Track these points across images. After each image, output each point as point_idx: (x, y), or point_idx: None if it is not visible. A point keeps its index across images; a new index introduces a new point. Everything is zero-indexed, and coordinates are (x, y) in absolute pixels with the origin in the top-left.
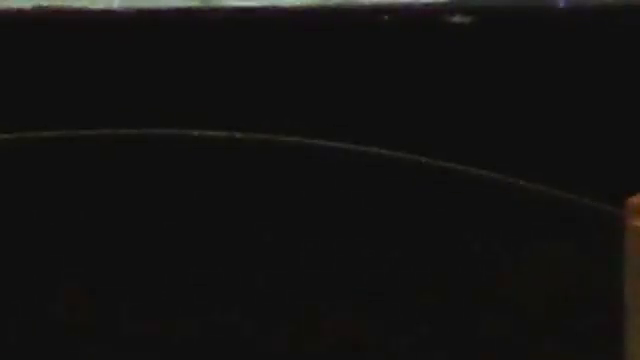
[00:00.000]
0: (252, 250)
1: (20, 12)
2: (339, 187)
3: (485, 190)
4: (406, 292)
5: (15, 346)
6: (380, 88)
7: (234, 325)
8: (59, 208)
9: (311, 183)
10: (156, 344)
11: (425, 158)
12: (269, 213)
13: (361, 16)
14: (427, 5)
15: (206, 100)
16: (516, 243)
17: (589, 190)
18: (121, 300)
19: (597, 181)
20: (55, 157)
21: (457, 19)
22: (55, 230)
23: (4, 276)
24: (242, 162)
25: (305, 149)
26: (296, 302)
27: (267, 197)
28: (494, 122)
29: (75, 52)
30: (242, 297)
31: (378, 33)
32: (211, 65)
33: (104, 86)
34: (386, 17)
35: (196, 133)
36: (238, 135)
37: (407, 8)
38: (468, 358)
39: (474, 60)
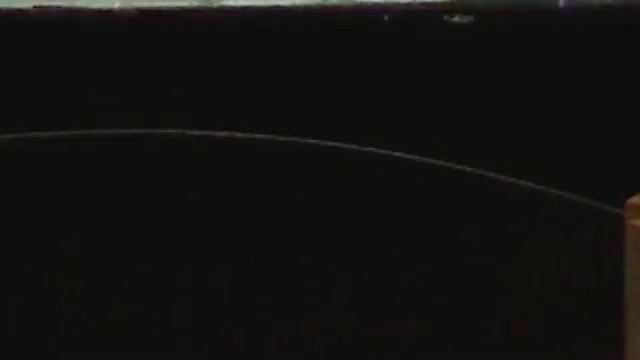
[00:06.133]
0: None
1: (21, 12)
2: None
3: (485, 189)
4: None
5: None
6: (379, 87)
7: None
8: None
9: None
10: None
11: (425, 157)
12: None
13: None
14: (427, 5)
15: (207, 100)
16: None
17: (590, 190)
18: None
19: (597, 181)
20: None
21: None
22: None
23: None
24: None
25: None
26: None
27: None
28: (495, 122)
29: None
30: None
31: (378, 33)
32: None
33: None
34: (386, 17)
35: (197, 133)
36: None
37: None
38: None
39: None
